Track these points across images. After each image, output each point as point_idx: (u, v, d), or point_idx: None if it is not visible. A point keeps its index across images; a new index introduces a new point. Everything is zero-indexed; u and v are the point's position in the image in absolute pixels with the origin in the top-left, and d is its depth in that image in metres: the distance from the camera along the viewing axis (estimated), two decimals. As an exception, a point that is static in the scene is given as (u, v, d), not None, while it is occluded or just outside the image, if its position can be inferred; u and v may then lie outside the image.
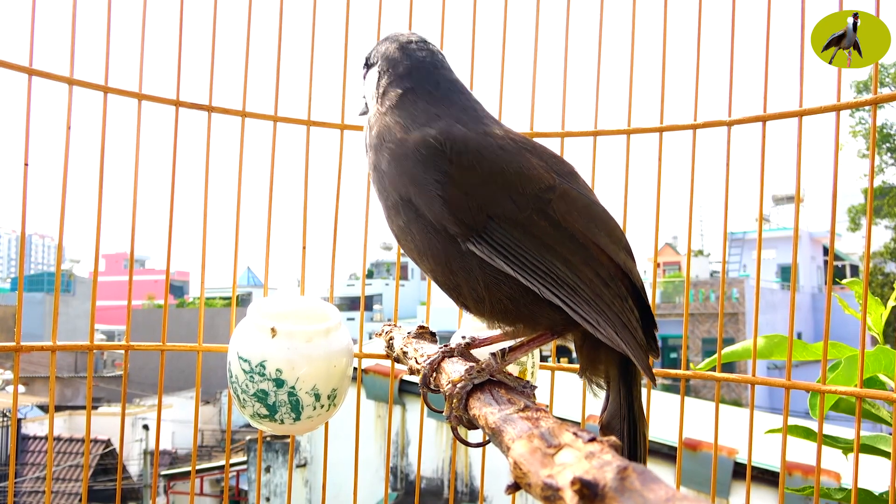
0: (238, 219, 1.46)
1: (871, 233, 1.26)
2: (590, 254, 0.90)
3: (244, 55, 1.42)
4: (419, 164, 0.91)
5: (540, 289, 0.87)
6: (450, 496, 1.48)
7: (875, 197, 18.41)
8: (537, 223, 0.88)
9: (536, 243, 0.88)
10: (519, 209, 0.88)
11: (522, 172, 0.90)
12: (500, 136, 0.94)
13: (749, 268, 24.74)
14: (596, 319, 0.87)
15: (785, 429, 1.27)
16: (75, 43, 1.29)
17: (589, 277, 0.88)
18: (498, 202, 0.89)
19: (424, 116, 0.96)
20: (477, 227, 0.88)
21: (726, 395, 16.21)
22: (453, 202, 0.89)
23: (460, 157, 0.90)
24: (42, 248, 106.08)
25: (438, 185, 0.89)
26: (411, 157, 0.92)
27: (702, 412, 6.18)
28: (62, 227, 1.28)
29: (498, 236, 0.88)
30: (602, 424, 0.97)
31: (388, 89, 1.04)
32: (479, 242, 0.88)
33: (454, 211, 0.89)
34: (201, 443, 16.40)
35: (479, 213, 0.88)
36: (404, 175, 0.93)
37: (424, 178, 0.90)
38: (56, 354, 1.28)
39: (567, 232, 0.89)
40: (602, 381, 0.99)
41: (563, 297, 0.87)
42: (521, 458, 0.57)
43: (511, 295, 0.89)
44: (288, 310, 1.23)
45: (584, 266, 0.89)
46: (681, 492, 0.42)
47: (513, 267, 0.87)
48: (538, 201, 0.89)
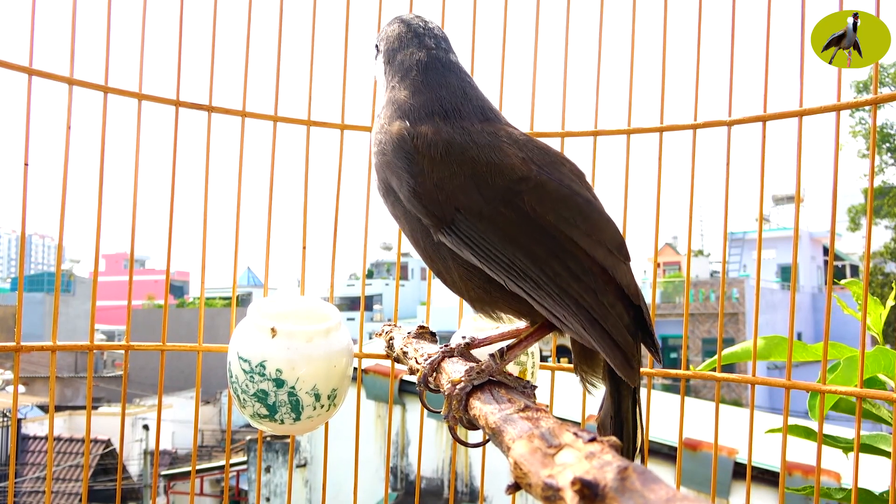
0: (238, 219, 1.46)
1: (871, 233, 1.26)
2: (560, 246, 0.87)
3: (244, 55, 1.42)
4: (396, 155, 0.94)
5: (505, 281, 0.88)
6: (450, 496, 1.48)
7: (875, 197, 18.40)
8: (504, 214, 0.87)
9: (501, 235, 0.87)
10: (485, 201, 0.88)
11: (493, 163, 0.90)
12: (477, 129, 0.94)
13: (749, 268, 24.74)
14: (561, 314, 0.86)
15: (785, 429, 1.27)
16: (75, 43, 1.29)
17: (556, 271, 0.86)
18: (466, 194, 0.89)
19: (407, 107, 0.98)
20: (446, 219, 0.89)
21: (726, 395, 16.21)
22: (424, 194, 0.91)
23: (429, 150, 0.91)
24: (42, 248, 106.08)
25: (411, 178, 0.92)
26: (390, 149, 0.95)
27: (702, 412, 6.18)
28: (62, 227, 1.28)
29: (464, 228, 0.89)
30: (598, 423, 0.97)
31: (386, 77, 1.06)
32: (448, 234, 0.90)
33: (425, 203, 0.90)
34: (201, 443, 16.41)
35: (448, 206, 0.89)
36: (386, 165, 0.96)
37: (399, 170, 0.93)
38: (56, 354, 1.28)
39: (536, 224, 0.87)
40: (596, 379, 0.99)
41: (526, 290, 0.87)
42: (522, 458, 0.57)
43: (483, 285, 0.91)
44: (288, 310, 1.23)
45: (552, 259, 0.86)
46: (681, 492, 0.42)
47: (479, 259, 0.88)
48: (508, 192, 0.88)
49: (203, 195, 1.41)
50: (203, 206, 1.42)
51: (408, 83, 1.02)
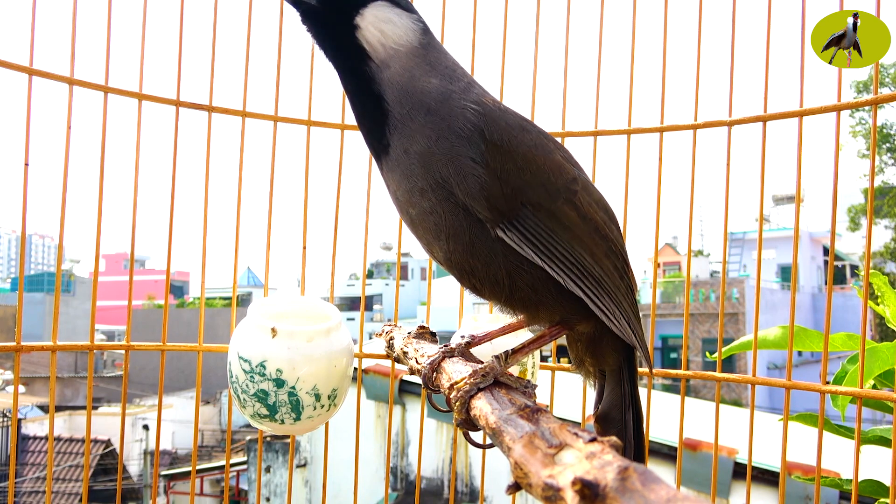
0: (238, 219, 1.46)
1: (872, 233, 1.26)
2: (609, 246, 0.90)
3: (244, 55, 1.42)
4: (461, 140, 0.84)
5: (565, 280, 0.86)
6: (450, 496, 1.48)
7: (875, 197, 18.39)
8: (567, 213, 0.87)
9: (568, 234, 0.87)
10: (552, 198, 0.86)
11: (552, 160, 0.88)
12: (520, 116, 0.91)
13: (749, 268, 24.73)
14: (613, 311, 0.88)
15: (785, 429, 1.27)
16: (76, 43, 1.29)
17: (609, 269, 0.89)
18: (533, 189, 0.86)
19: (454, 81, 0.87)
20: (509, 214, 0.85)
21: (726, 395, 16.20)
22: (488, 186, 0.83)
23: (494, 139, 0.84)
24: (42, 248, 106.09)
25: (476, 166, 0.84)
26: (455, 132, 0.84)
27: (702, 412, 6.18)
28: (62, 227, 1.28)
29: (530, 224, 0.85)
30: (598, 416, 0.98)
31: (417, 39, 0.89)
32: (509, 229, 0.85)
33: (488, 196, 0.84)
34: (201, 443, 16.40)
35: (513, 200, 0.85)
36: (443, 153, 0.84)
37: (463, 158, 0.83)
38: (56, 354, 1.28)
39: (592, 223, 0.89)
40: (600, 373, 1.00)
41: (585, 289, 0.87)
42: (522, 458, 0.57)
43: (532, 284, 0.87)
44: (288, 310, 1.23)
45: (605, 258, 0.89)
46: (681, 492, 0.42)
47: (541, 257, 0.85)
48: (567, 192, 0.88)
49: (203, 195, 1.41)
50: (203, 206, 1.42)
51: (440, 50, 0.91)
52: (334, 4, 0.87)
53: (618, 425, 0.97)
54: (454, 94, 0.86)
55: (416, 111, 0.85)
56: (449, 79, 0.87)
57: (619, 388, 0.96)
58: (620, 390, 0.96)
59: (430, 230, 0.89)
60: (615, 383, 0.97)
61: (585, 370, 1.00)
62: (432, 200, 0.86)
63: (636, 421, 0.96)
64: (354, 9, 0.87)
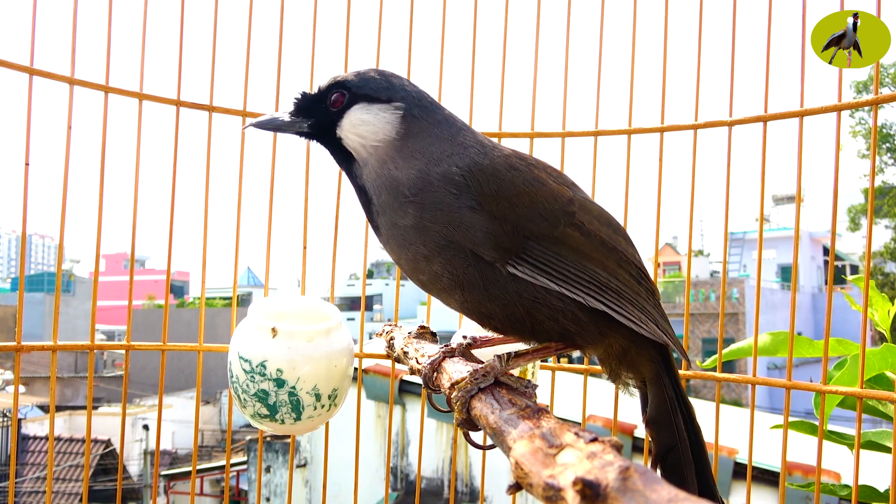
0: (238, 219, 1.46)
1: (872, 233, 1.26)
2: (620, 256, 0.93)
3: (245, 55, 1.42)
4: (452, 200, 0.89)
5: (585, 298, 0.89)
6: (450, 496, 1.48)
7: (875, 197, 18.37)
8: (571, 235, 0.90)
9: (577, 255, 0.90)
10: (552, 225, 0.90)
11: (543, 189, 0.91)
12: (509, 155, 0.94)
13: (749, 268, 24.73)
14: (639, 317, 0.91)
15: (785, 429, 1.27)
16: (76, 43, 1.29)
17: (625, 278, 0.92)
18: (531, 221, 0.90)
19: (438, 153, 0.93)
20: (515, 250, 0.88)
21: (726, 395, 16.20)
22: (490, 228, 0.88)
23: (484, 190, 0.89)
24: (42, 248, 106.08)
25: (472, 214, 0.88)
26: (443, 199, 0.89)
27: (702, 412, 6.16)
28: (63, 227, 1.28)
29: (538, 254, 0.89)
30: (648, 420, 1.01)
31: (394, 129, 0.95)
32: (519, 264, 0.88)
33: (491, 237, 0.88)
34: (201, 443, 16.40)
35: (516, 235, 0.88)
36: (438, 219, 0.89)
37: (459, 213, 0.88)
38: (56, 354, 1.28)
39: (597, 239, 0.92)
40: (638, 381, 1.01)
41: (607, 302, 0.90)
42: (523, 458, 0.57)
43: (552, 315, 0.90)
44: (288, 310, 1.23)
45: (619, 269, 0.92)
46: (682, 492, 0.42)
47: (558, 281, 0.88)
48: (565, 216, 0.91)
49: (204, 195, 1.41)
50: (204, 206, 1.42)
51: (424, 128, 0.95)
52: (319, 125, 0.99)
53: (669, 427, 0.99)
54: (436, 168, 0.91)
55: (394, 197, 0.93)
56: (430, 157, 0.93)
57: (662, 394, 0.99)
58: (664, 395, 0.98)
59: (444, 289, 0.93)
60: (657, 390, 0.99)
61: (623, 382, 1.01)
62: (440, 263, 0.90)
63: (689, 423, 0.99)
64: (333, 123, 0.97)
